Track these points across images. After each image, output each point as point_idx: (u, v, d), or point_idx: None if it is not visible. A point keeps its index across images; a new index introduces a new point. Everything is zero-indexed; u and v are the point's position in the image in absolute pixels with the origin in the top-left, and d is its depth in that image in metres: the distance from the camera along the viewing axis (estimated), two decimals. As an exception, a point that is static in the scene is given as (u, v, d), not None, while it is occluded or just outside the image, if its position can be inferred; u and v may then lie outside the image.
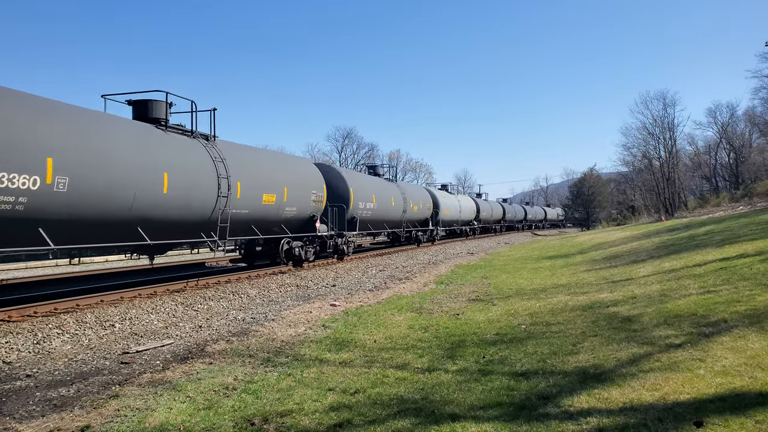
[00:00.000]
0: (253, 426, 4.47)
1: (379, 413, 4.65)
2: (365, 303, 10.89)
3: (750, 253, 11.27)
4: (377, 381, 5.58)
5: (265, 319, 9.32)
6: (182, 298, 11.50)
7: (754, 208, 27.50)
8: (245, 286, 13.47)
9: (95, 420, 4.67)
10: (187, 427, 4.50)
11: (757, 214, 21.38)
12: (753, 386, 4.53)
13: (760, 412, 4.02)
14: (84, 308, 10.07)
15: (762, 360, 5.09)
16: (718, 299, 7.86)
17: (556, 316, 8.42)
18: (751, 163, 55.84)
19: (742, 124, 67.70)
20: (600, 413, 4.30)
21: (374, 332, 8.02)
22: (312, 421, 4.53)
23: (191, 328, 8.86)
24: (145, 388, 5.53)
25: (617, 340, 6.48)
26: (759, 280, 8.65)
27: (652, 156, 52.96)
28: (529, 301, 10.24)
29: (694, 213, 37.51)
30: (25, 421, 4.71)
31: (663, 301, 8.47)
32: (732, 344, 5.69)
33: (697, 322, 6.79)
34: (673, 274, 11.13)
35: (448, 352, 6.71)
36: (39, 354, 7.27)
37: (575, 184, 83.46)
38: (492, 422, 4.32)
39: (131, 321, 9.30)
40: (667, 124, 51.25)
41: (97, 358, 6.93)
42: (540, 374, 5.48)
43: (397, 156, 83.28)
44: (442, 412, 4.60)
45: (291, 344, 7.41)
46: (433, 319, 8.87)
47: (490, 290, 12.22)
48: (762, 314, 6.66)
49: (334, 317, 9.30)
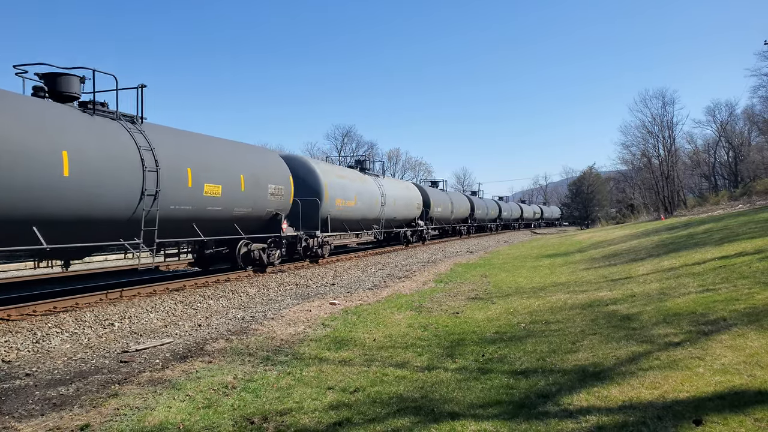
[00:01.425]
0: (252, 425, 4.47)
1: (379, 412, 4.65)
2: (365, 301, 10.89)
3: (749, 252, 11.28)
4: (377, 379, 5.58)
5: (264, 317, 9.32)
6: (181, 296, 11.49)
7: (753, 207, 27.52)
8: (245, 284, 13.47)
9: (95, 419, 4.67)
10: (186, 425, 4.49)
11: (756, 212, 21.39)
12: (752, 384, 4.53)
13: (759, 410, 4.03)
14: (83, 307, 10.07)
15: (761, 358, 5.10)
16: (717, 297, 7.86)
17: (556, 315, 8.42)
18: (750, 162, 55.93)
19: (741, 123, 67.84)
20: (599, 411, 4.30)
21: (374, 331, 8.02)
22: (311, 420, 4.53)
23: (190, 326, 8.86)
24: (145, 387, 5.53)
25: (616, 339, 6.48)
26: (758, 278, 8.66)
27: (652, 154, 53.07)
28: (528, 299, 10.24)
29: (693, 211, 37.54)
30: (25, 420, 4.71)
31: (662, 299, 8.47)
32: (731, 342, 5.70)
33: (696, 321, 6.79)
34: (672, 272, 11.13)
35: (448, 350, 6.71)
36: (38, 353, 7.26)
37: (574, 182, 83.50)
38: (491, 420, 4.32)
39: (130, 320, 9.29)
40: (666, 123, 51.36)
41: (97, 357, 6.92)
42: (539, 372, 5.48)
43: (397, 154, 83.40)
44: (441, 410, 4.60)
45: (290, 343, 7.41)
46: (433, 318, 8.88)
47: (490, 289, 12.22)
48: (761, 312, 6.66)
49: (334, 316, 9.30)
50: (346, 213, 20.13)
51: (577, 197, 78.36)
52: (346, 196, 20.00)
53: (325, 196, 18.26)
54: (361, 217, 21.80)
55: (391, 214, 24.94)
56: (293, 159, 18.67)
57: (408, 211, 27.59)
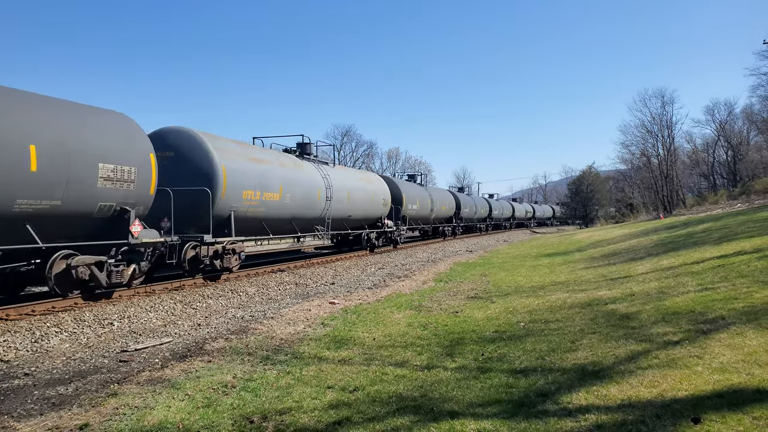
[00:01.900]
0: (252, 424, 4.47)
1: (378, 411, 4.65)
2: (364, 301, 10.89)
3: (748, 251, 11.29)
4: (376, 378, 5.59)
5: (264, 317, 9.32)
6: (181, 296, 11.49)
7: (751, 206, 27.55)
8: (244, 284, 13.46)
9: (94, 418, 4.67)
10: (185, 425, 4.49)
11: (755, 211, 21.41)
12: (750, 383, 4.54)
13: (758, 408, 4.03)
14: (82, 306, 10.06)
15: (759, 357, 5.11)
16: (716, 296, 7.87)
17: (555, 314, 8.43)
18: (749, 161, 56.03)
19: (740, 122, 67.93)
20: (598, 410, 4.31)
21: (373, 330, 8.02)
22: (311, 419, 4.53)
23: (190, 326, 8.85)
24: (144, 387, 5.53)
25: (615, 338, 6.49)
26: (756, 277, 8.67)
27: (651, 154, 53.11)
28: (527, 298, 10.25)
29: (692, 210, 37.58)
30: (24, 420, 4.71)
31: (661, 298, 8.48)
32: (730, 341, 5.70)
33: (695, 319, 6.80)
34: (671, 271, 11.14)
35: (447, 349, 6.71)
36: (37, 352, 7.26)
37: (574, 181, 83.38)
38: (491, 419, 4.32)
39: (130, 319, 9.29)
40: (665, 122, 51.39)
41: (96, 357, 6.92)
42: (539, 371, 5.49)
43: (396, 154, 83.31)
44: (441, 409, 4.60)
45: (290, 342, 7.41)
46: (432, 317, 8.88)
47: (489, 288, 12.23)
48: (759, 311, 6.67)
49: (333, 315, 9.30)
50: (264, 209, 15.10)
51: (577, 196, 78.29)
52: (264, 187, 14.93)
53: (222, 184, 13.04)
54: (292, 215, 16.76)
55: (342, 211, 20.04)
56: (169, 131, 13.33)
57: (370, 208, 22.42)
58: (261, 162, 15.35)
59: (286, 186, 16.09)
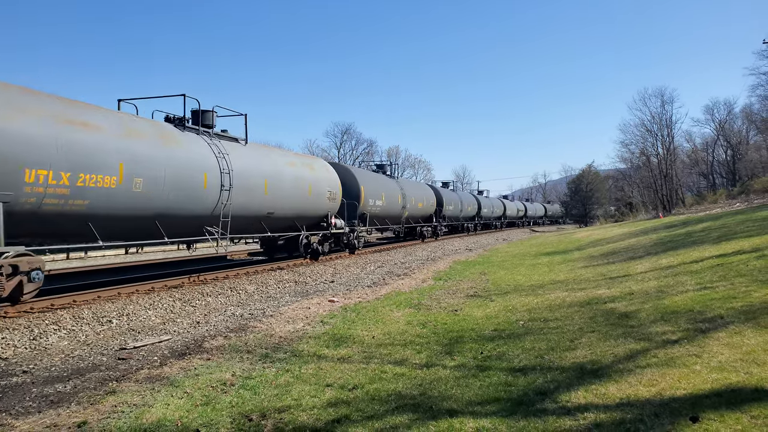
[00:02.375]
0: (251, 422, 4.47)
1: (378, 409, 4.65)
2: (364, 299, 10.89)
3: (746, 250, 11.30)
4: (375, 377, 5.59)
5: (263, 315, 9.32)
6: (180, 294, 11.48)
7: (750, 205, 27.57)
8: (243, 282, 13.46)
9: (92, 416, 4.67)
10: (184, 422, 4.49)
11: (754, 210, 21.43)
12: (749, 382, 4.54)
13: (756, 407, 4.04)
14: (81, 304, 10.05)
15: (758, 356, 5.11)
16: (715, 295, 7.88)
17: (554, 312, 8.43)
18: (748, 160, 56.09)
19: (739, 122, 68.02)
20: (597, 408, 4.31)
21: (372, 328, 8.03)
22: (310, 417, 4.53)
23: (189, 324, 8.85)
24: (143, 384, 5.53)
25: (614, 336, 6.49)
26: (755, 276, 8.68)
27: (650, 153, 53.14)
28: (527, 297, 10.25)
29: (691, 210, 37.61)
30: (22, 418, 4.70)
31: (660, 297, 8.49)
32: (728, 340, 5.71)
33: (694, 318, 6.81)
34: (670, 270, 11.15)
35: (446, 347, 6.72)
36: (35, 350, 7.25)
37: (573, 180, 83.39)
38: (490, 418, 4.32)
39: (128, 317, 9.28)
40: (665, 121, 51.43)
41: (94, 354, 6.91)
42: (537, 370, 5.49)
43: (396, 152, 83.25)
44: (440, 407, 4.60)
45: (289, 340, 7.40)
46: (432, 315, 8.88)
47: (488, 286, 12.23)
48: (758, 310, 6.68)
49: (333, 313, 9.30)
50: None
51: (576, 195, 78.25)
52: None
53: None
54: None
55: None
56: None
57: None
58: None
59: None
